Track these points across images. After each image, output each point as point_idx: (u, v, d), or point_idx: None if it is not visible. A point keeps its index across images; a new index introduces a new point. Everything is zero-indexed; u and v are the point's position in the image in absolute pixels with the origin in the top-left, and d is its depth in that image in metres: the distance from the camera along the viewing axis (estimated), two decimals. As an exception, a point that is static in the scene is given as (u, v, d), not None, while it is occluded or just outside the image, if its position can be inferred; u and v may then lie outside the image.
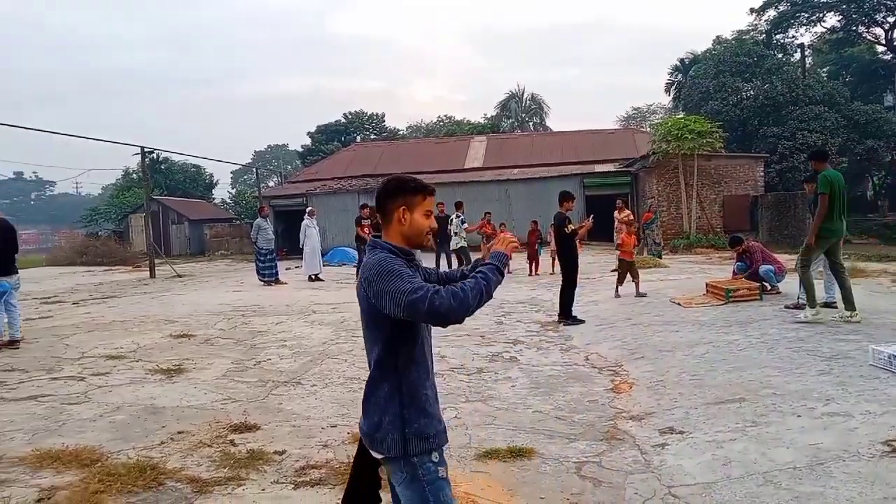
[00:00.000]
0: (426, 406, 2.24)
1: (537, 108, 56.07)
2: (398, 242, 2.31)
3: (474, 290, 2.08)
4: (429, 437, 2.21)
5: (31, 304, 13.19)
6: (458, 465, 4.10)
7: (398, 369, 2.21)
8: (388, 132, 53.67)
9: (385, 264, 2.15)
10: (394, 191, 2.34)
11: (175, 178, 47.55)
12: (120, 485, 3.78)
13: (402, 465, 2.21)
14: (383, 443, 2.20)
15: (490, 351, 7.38)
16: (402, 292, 2.04)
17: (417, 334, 2.24)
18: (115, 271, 23.71)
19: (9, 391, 6.07)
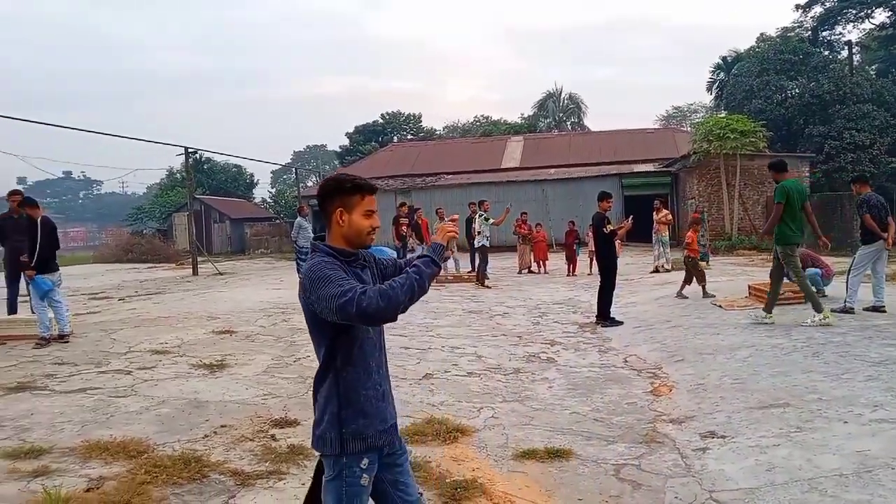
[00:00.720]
0: (365, 407, 2.25)
1: (575, 108, 55.59)
2: (339, 244, 2.30)
3: (404, 286, 2.07)
4: (367, 438, 2.24)
5: (80, 300, 13.62)
6: (495, 464, 4.11)
7: (337, 370, 2.24)
8: (425, 132, 53.86)
9: (316, 270, 2.16)
10: (331, 191, 2.31)
11: (217, 178, 48.52)
12: (166, 476, 3.88)
13: (333, 463, 2.26)
14: (321, 440, 2.26)
15: (527, 351, 7.36)
16: (331, 297, 2.05)
17: (355, 336, 2.24)
18: (159, 268, 24.32)
19: (59, 384, 6.28)
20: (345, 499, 2.23)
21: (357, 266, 2.30)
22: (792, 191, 7.53)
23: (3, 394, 5.94)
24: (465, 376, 6.31)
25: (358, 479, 2.24)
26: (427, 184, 29.83)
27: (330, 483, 2.27)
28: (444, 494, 3.59)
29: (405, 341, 8.02)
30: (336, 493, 2.25)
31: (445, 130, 59.25)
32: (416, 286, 2.09)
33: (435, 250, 2.24)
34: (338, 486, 2.24)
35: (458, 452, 4.28)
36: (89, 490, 3.76)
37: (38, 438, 4.67)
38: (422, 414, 5.07)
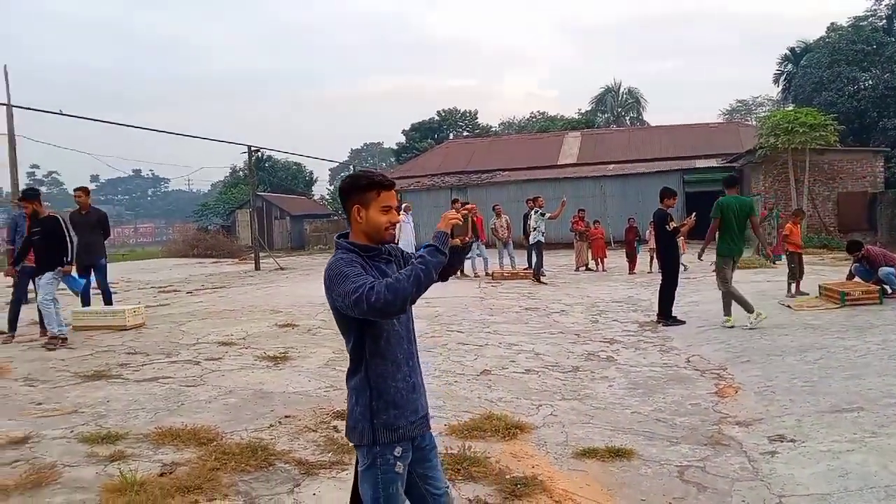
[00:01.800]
0: (396, 398, 2.28)
1: (634, 103, 54.56)
2: (360, 240, 2.32)
3: (410, 277, 2.09)
4: (398, 429, 2.27)
5: (150, 293, 14.22)
6: (555, 461, 4.09)
7: (366, 363, 2.28)
8: (481, 129, 53.80)
9: (334, 268, 2.21)
10: (348, 189, 2.34)
11: (278, 176, 49.72)
12: (234, 463, 4.01)
13: (366, 452, 2.29)
14: (354, 431, 2.30)
15: (585, 349, 7.28)
16: (346, 294, 2.10)
17: (381, 329, 2.27)
18: (223, 263, 25.11)
19: (133, 373, 6.57)
20: (381, 487, 2.27)
21: (380, 260, 2.33)
22: (727, 208, 8.06)
23: (80, 381, 6.26)
24: (523, 373, 6.29)
25: (392, 467, 2.28)
26: (482, 181, 29.80)
27: (365, 472, 2.30)
28: (503, 490, 3.59)
29: (462, 337, 8.05)
30: (372, 481, 2.28)
31: (501, 127, 59.06)
32: (423, 276, 2.11)
33: (439, 239, 2.22)
34: (373, 475, 2.27)
35: (518, 449, 4.27)
36: (163, 475, 3.92)
37: (114, 425, 4.89)
38: (480, 410, 5.08)
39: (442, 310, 10.26)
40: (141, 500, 3.42)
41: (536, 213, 14.18)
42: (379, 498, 2.27)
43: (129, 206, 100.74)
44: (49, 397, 5.72)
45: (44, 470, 3.97)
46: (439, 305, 10.76)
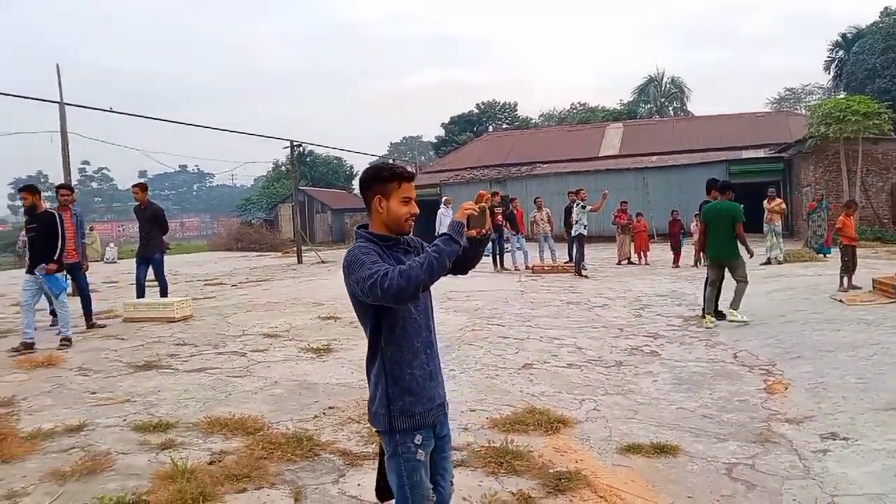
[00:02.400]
0: (411, 385, 2.33)
1: (678, 93, 53.48)
2: (380, 230, 2.37)
3: (423, 265, 2.12)
4: (414, 415, 2.32)
5: (196, 286, 14.56)
6: (598, 457, 4.05)
7: (382, 350, 2.33)
8: (521, 121, 53.43)
9: (353, 256, 2.25)
10: (369, 180, 2.38)
11: (319, 170, 50.26)
12: (280, 453, 4.09)
13: (388, 439, 2.36)
14: (375, 416, 2.37)
15: (629, 344, 7.19)
16: (362, 280, 2.15)
17: (397, 317, 2.30)
18: (266, 257, 25.53)
19: (182, 363, 6.75)
20: (405, 474, 2.33)
21: (399, 251, 2.36)
22: (710, 213, 8.31)
23: (132, 371, 6.45)
24: (564, 367, 6.25)
25: (414, 455, 2.33)
26: (522, 173, 29.64)
27: (390, 461, 2.37)
28: (547, 484, 3.58)
29: (503, 331, 8.03)
30: (396, 469, 2.35)
31: (541, 119, 58.59)
32: (436, 264, 2.14)
33: (454, 228, 2.24)
34: (397, 463, 2.34)
35: (560, 443, 4.25)
36: (212, 463, 4.02)
37: (165, 414, 5.04)
38: (522, 404, 5.06)
39: (482, 303, 10.26)
40: (191, 487, 3.51)
41: (578, 206, 14.02)
42: (404, 486, 2.33)
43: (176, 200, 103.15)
44: (103, 387, 5.92)
45: (98, 457, 4.12)
46: (479, 299, 10.76)
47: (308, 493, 3.58)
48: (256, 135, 24.11)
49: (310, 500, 3.50)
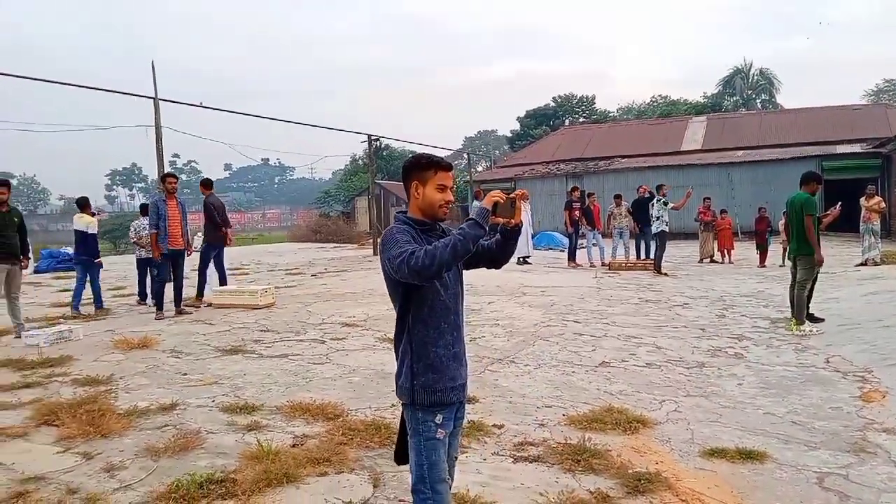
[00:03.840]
0: (435, 363, 2.42)
1: (766, 84, 51.16)
2: (416, 215, 2.49)
3: (447, 246, 2.21)
4: (436, 392, 2.41)
5: (278, 275, 15.06)
6: (680, 459, 3.94)
7: (409, 327, 2.43)
8: (598, 115, 52.41)
9: (388, 235, 2.37)
10: (409, 167, 2.51)
11: (394, 164, 50.90)
12: (359, 439, 4.19)
13: (410, 415, 2.47)
14: (400, 390, 2.48)
15: (711, 345, 6.95)
16: (392, 258, 2.26)
17: (425, 297, 2.40)
18: (344, 248, 26.09)
19: (266, 349, 7.01)
20: (423, 452, 2.42)
21: (433, 236, 2.46)
22: (787, 206, 8.06)
23: (219, 355, 6.75)
24: (643, 367, 6.10)
25: (434, 434, 2.43)
26: (599, 168, 29.08)
27: (411, 440, 2.47)
28: (626, 485, 3.51)
29: (579, 328, 7.92)
30: (416, 447, 2.45)
31: (619, 112, 57.22)
32: (459, 245, 2.22)
33: (480, 214, 2.34)
34: (417, 442, 2.44)
35: (640, 444, 4.16)
36: (294, 446, 4.16)
37: (250, 397, 5.24)
38: (599, 402, 4.99)
39: (557, 299, 10.14)
40: (276, 468, 3.64)
41: (659, 202, 13.63)
42: (423, 464, 2.43)
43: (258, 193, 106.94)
44: (193, 368, 6.22)
45: (189, 435, 4.33)
46: (554, 295, 10.65)
47: (386, 479, 3.65)
48: (335, 129, 24.69)
49: (388, 486, 3.57)
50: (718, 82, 51.89)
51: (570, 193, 16.15)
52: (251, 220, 71.74)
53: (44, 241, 34.43)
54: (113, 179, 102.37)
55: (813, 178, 7.93)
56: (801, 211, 7.59)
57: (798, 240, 7.72)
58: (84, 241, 10.00)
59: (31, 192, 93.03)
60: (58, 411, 4.74)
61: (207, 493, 3.44)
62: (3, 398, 5.25)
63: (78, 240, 10.12)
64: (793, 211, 7.76)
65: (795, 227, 7.71)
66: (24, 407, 5.00)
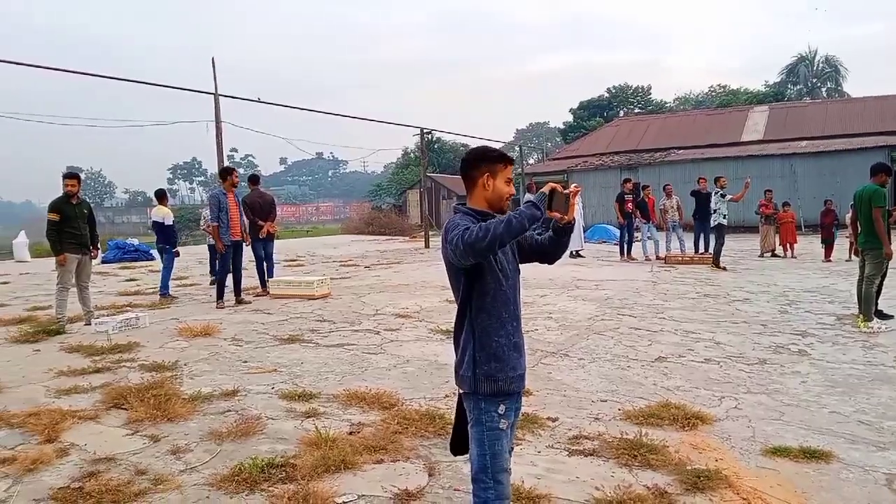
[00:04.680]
0: (497, 352, 2.43)
1: (832, 72, 49.13)
2: (481, 206, 2.49)
3: (501, 222, 2.22)
4: (498, 381, 2.42)
5: (333, 266, 15.32)
6: (740, 457, 3.85)
7: (471, 316, 2.44)
8: (654, 105, 51.30)
9: (452, 222, 2.36)
10: (479, 158, 2.51)
11: (446, 157, 51.06)
12: (414, 429, 4.24)
13: (473, 405, 2.46)
14: (461, 379, 2.48)
15: (773, 341, 6.74)
16: (452, 239, 2.27)
17: (488, 287, 2.42)
18: (395, 241, 26.37)
19: (322, 338, 7.15)
20: (486, 442, 2.43)
21: None
22: (855, 198, 7.65)
23: (278, 344, 6.93)
24: (701, 362, 5.97)
25: (497, 424, 2.43)
26: (655, 160, 28.47)
27: (472, 430, 2.47)
28: (684, 482, 3.45)
29: (634, 322, 7.80)
30: (479, 437, 2.45)
31: (676, 103, 55.95)
32: (514, 222, 2.22)
33: (538, 198, 2.37)
34: (479, 431, 2.44)
35: (698, 440, 4.07)
36: (351, 433, 4.24)
37: (308, 384, 5.37)
38: (656, 397, 4.91)
39: (612, 293, 10.01)
40: (334, 454, 3.72)
41: (717, 195, 13.27)
42: (485, 454, 2.43)
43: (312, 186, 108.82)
44: (253, 356, 6.40)
45: (251, 420, 4.47)
46: (609, 288, 10.51)
47: (441, 469, 3.68)
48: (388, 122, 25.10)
49: (443, 476, 3.60)
50: (781, 70, 50.16)
51: (623, 186, 15.88)
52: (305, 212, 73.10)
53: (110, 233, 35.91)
54: (174, 173, 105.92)
55: (882, 169, 7.58)
56: (869, 203, 7.29)
57: (866, 233, 7.41)
58: (162, 231, 10.49)
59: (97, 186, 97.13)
60: (127, 395, 4.95)
61: (269, 476, 3.54)
62: (76, 382, 5.52)
63: (157, 229, 10.60)
64: (861, 203, 7.44)
65: (864, 220, 7.41)
66: (96, 391, 5.25)
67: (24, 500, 3.39)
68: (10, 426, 4.47)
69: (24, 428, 4.41)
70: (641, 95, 52.93)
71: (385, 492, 3.40)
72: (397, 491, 3.40)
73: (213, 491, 3.43)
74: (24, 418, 4.57)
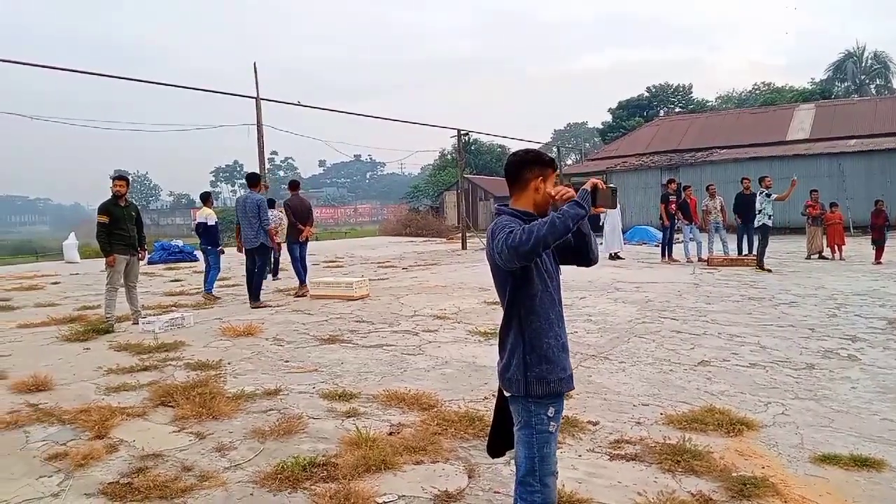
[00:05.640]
0: (548, 353, 2.41)
1: (881, 69, 47.60)
2: (527, 208, 2.49)
3: (545, 224, 2.19)
4: (549, 382, 2.40)
5: (371, 268, 15.44)
6: (788, 464, 3.75)
7: (520, 319, 2.42)
8: (695, 104, 50.41)
9: (499, 224, 2.35)
10: (534, 161, 2.51)
11: (483, 158, 51.04)
12: (454, 430, 4.24)
13: (521, 408, 2.43)
14: (510, 382, 2.44)
15: (821, 346, 6.55)
16: (500, 240, 2.24)
17: (535, 289, 2.41)
18: (433, 242, 26.44)
19: (361, 339, 7.22)
20: (535, 446, 2.41)
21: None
22: None
23: (318, 344, 7.01)
24: (747, 367, 5.84)
25: (546, 427, 2.42)
26: (696, 159, 27.97)
27: (520, 432, 2.45)
28: (730, 488, 3.38)
29: (676, 325, 7.67)
30: (527, 440, 2.42)
31: (718, 101, 54.84)
32: (558, 222, 2.19)
33: (581, 195, 2.34)
34: (528, 434, 2.42)
35: (744, 447, 3.99)
36: (391, 434, 4.26)
37: (348, 384, 5.42)
38: (700, 402, 4.82)
39: (653, 295, 9.86)
40: (374, 454, 3.75)
41: (762, 195, 12.96)
42: (534, 457, 2.41)
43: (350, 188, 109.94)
44: (294, 356, 6.49)
45: (292, 419, 4.53)
46: (649, 291, 10.36)
47: (481, 471, 3.68)
48: (424, 124, 25.13)
49: (483, 478, 3.60)
50: (828, 67, 48.86)
51: (666, 186, 15.62)
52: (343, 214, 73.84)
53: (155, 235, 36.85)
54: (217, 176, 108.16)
55: None
56: None
57: None
58: (206, 232, 10.78)
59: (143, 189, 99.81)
60: (173, 393, 5.08)
61: (310, 475, 3.59)
62: (124, 380, 5.68)
63: (201, 231, 10.89)
64: None
65: None
66: (143, 388, 5.39)
67: (76, 494, 3.50)
68: (62, 422, 4.62)
69: (75, 424, 4.56)
70: (682, 94, 52.06)
71: (425, 493, 3.41)
72: (437, 492, 3.41)
73: (256, 488, 3.49)
74: (75, 415, 4.72)
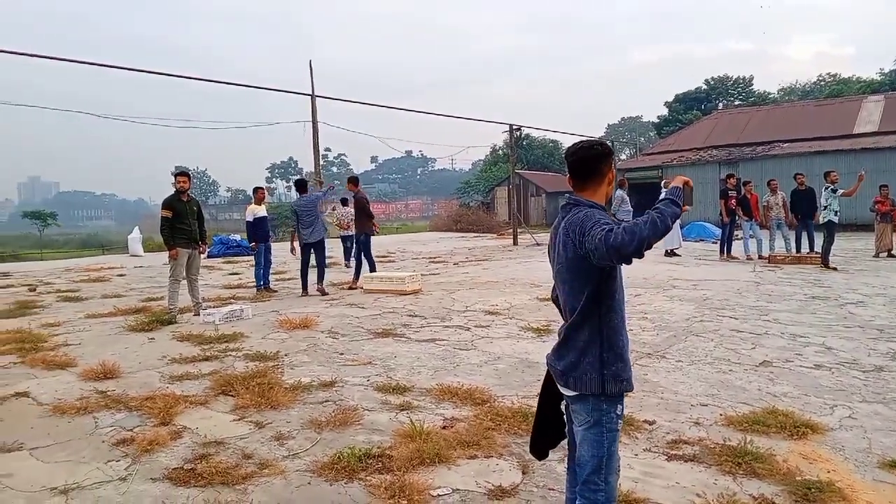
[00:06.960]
0: (622, 352, 2.39)
1: (961, 56, 44.90)
2: (600, 200, 2.46)
3: (647, 223, 2.11)
4: (624, 380, 2.38)
5: (423, 263, 15.53)
6: (855, 469, 3.61)
7: (601, 316, 2.37)
8: (756, 97, 48.80)
9: (590, 215, 2.29)
10: (609, 154, 2.50)
11: (534, 153, 50.67)
12: (507, 426, 4.23)
13: (592, 407, 2.38)
14: (580, 380, 2.38)
15: (891, 348, 6.27)
16: (594, 235, 2.17)
17: (616, 286, 2.39)
18: (483, 238, 26.41)
19: (414, 333, 7.27)
20: (605, 444, 2.39)
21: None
22: None
23: (372, 337, 7.10)
24: (811, 368, 5.64)
25: (616, 425, 2.41)
26: (757, 154, 27.10)
27: (589, 431, 2.41)
28: (794, 493, 3.27)
29: (736, 324, 7.46)
30: (596, 439, 2.40)
31: (780, 94, 53.00)
32: (659, 222, 2.13)
33: (673, 192, 2.29)
34: (598, 433, 2.39)
35: (808, 450, 3.85)
36: (444, 427, 4.28)
37: (401, 378, 5.47)
38: (761, 403, 4.68)
39: (711, 293, 9.62)
40: (428, 447, 3.78)
41: (827, 190, 12.47)
42: (602, 456, 2.39)
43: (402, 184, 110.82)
44: (349, 349, 6.59)
45: (348, 411, 4.60)
46: (708, 288, 10.11)
47: (535, 467, 3.66)
48: (476, 119, 25.11)
49: (537, 474, 3.59)
50: (899, 56, 46.37)
51: (726, 181, 15.18)
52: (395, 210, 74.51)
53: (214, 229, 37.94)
54: (272, 172, 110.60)
55: None
56: None
57: None
58: (252, 226, 11.05)
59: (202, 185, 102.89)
60: (233, 383, 5.23)
61: (366, 466, 3.64)
62: (187, 369, 5.88)
63: (249, 226, 11.19)
64: None
65: None
66: (205, 378, 5.57)
67: (142, 478, 3.64)
68: (129, 409, 4.82)
69: (141, 411, 4.75)
70: (742, 86, 50.49)
71: (479, 487, 3.42)
72: (491, 487, 3.41)
73: (314, 477, 3.57)
74: (140, 402, 4.91)
